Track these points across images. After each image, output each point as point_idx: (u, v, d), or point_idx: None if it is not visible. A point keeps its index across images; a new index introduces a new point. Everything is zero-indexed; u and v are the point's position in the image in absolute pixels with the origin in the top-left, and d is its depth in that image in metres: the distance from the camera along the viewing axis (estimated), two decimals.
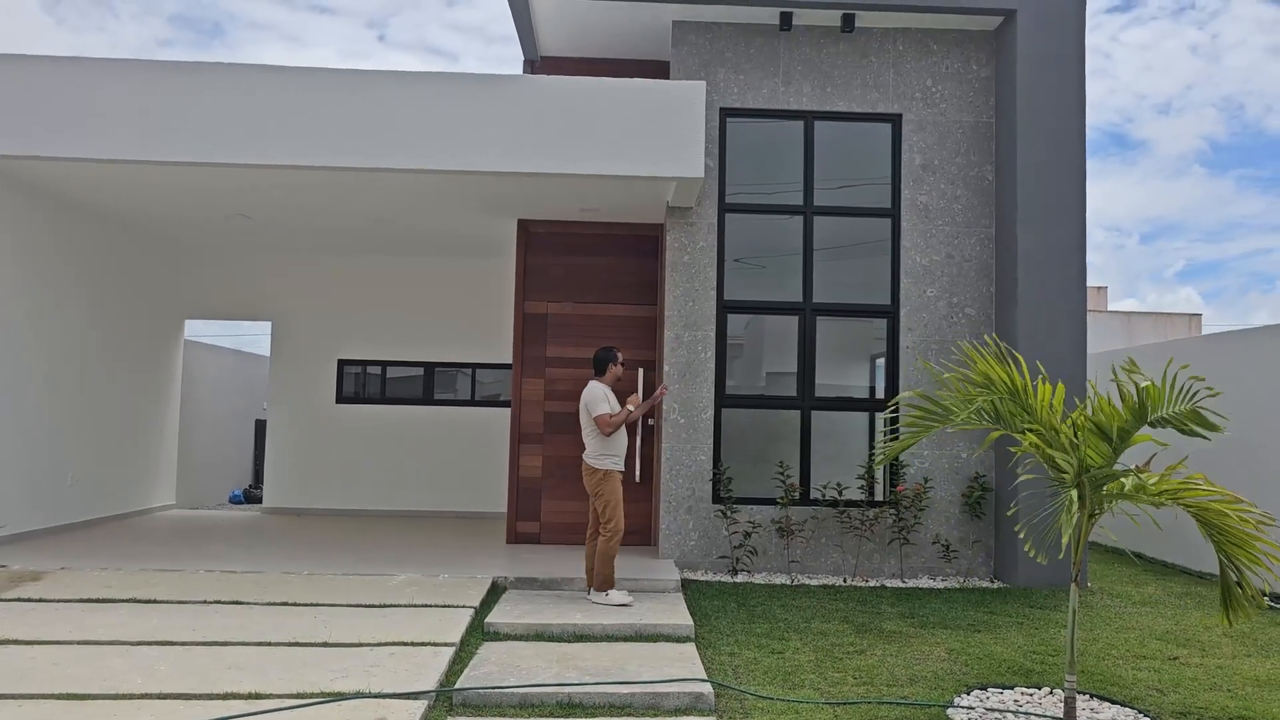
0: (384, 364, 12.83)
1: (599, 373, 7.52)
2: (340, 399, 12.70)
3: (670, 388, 8.95)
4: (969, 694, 5.40)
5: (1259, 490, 8.68)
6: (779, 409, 9.24)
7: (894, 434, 8.99)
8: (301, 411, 12.63)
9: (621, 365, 7.58)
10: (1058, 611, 7.56)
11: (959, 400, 5.11)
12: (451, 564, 8.31)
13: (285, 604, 6.71)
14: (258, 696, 4.83)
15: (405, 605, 6.76)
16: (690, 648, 6.10)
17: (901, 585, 8.57)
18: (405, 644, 5.81)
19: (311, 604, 6.73)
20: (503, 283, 12.19)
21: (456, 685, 5.15)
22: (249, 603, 6.70)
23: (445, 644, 5.83)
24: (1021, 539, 8.56)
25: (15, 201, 8.96)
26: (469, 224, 10.33)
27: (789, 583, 8.47)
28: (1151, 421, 4.86)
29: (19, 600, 6.64)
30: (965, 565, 9.02)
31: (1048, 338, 8.76)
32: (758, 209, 9.34)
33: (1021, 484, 8.59)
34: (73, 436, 10.09)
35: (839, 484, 8.91)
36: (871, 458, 9.09)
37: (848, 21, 9.17)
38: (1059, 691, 5.43)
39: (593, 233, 9.99)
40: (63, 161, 8.13)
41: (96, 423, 10.56)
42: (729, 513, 8.79)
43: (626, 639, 6.33)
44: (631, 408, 7.38)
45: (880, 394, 9.31)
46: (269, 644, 5.76)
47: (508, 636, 6.30)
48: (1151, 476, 4.56)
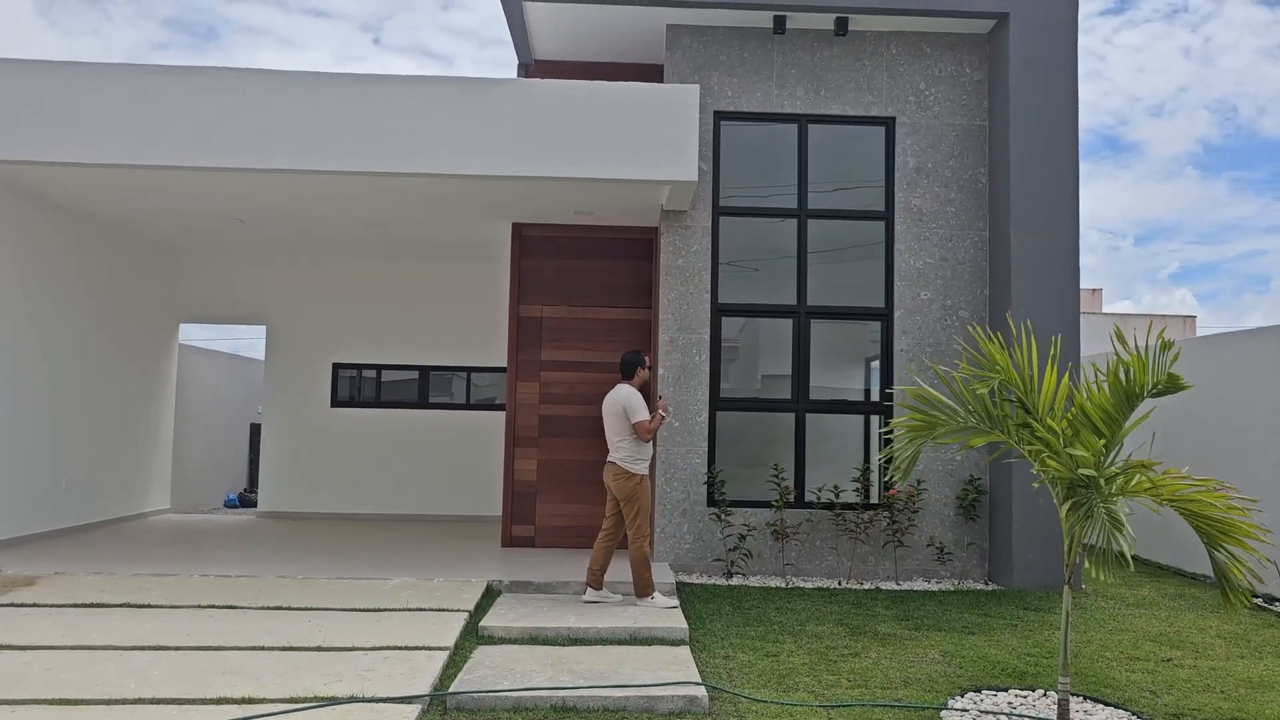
0: (379, 367, 12.83)
1: (627, 376, 7.46)
2: (335, 403, 12.69)
3: (664, 392, 8.96)
4: (963, 696, 5.40)
5: (1254, 489, 8.71)
6: (774, 412, 9.25)
7: (888, 437, 9.02)
8: (296, 415, 12.62)
9: (649, 369, 7.58)
10: (1052, 613, 7.58)
11: (961, 396, 5.13)
12: (446, 567, 8.30)
13: (280, 608, 6.70)
14: (251, 701, 4.82)
15: (400, 609, 6.75)
16: (685, 651, 6.11)
17: (896, 588, 8.58)
18: (399, 648, 5.80)
19: (306, 608, 6.72)
20: (498, 286, 12.21)
21: (450, 689, 5.14)
22: (243, 607, 6.69)
23: (439, 648, 5.83)
24: (1018, 541, 8.60)
25: (9, 205, 8.95)
26: (463, 227, 10.34)
27: (784, 585, 8.48)
28: (1152, 393, 4.83)
29: (12, 605, 6.62)
30: (960, 567, 9.03)
31: (1041, 340, 8.72)
32: (752, 212, 9.36)
33: (1016, 486, 8.62)
34: (67, 441, 10.08)
35: (834, 486, 8.92)
36: (867, 463, 9.10)
37: (841, 25, 9.19)
38: (1053, 693, 5.44)
39: (587, 236, 9.99)
40: (56, 166, 8.12)
41: (91, 427, 10.55)
42: (724, 516, 8.79)
43: (621, 642, 6.33)
44: (663, 412, 7.38)
45: (875, 397, 9.33)
46: (263, 648, 5.75)
47: (502, 640, 6.30)
48: (1133, 474, 4.61)
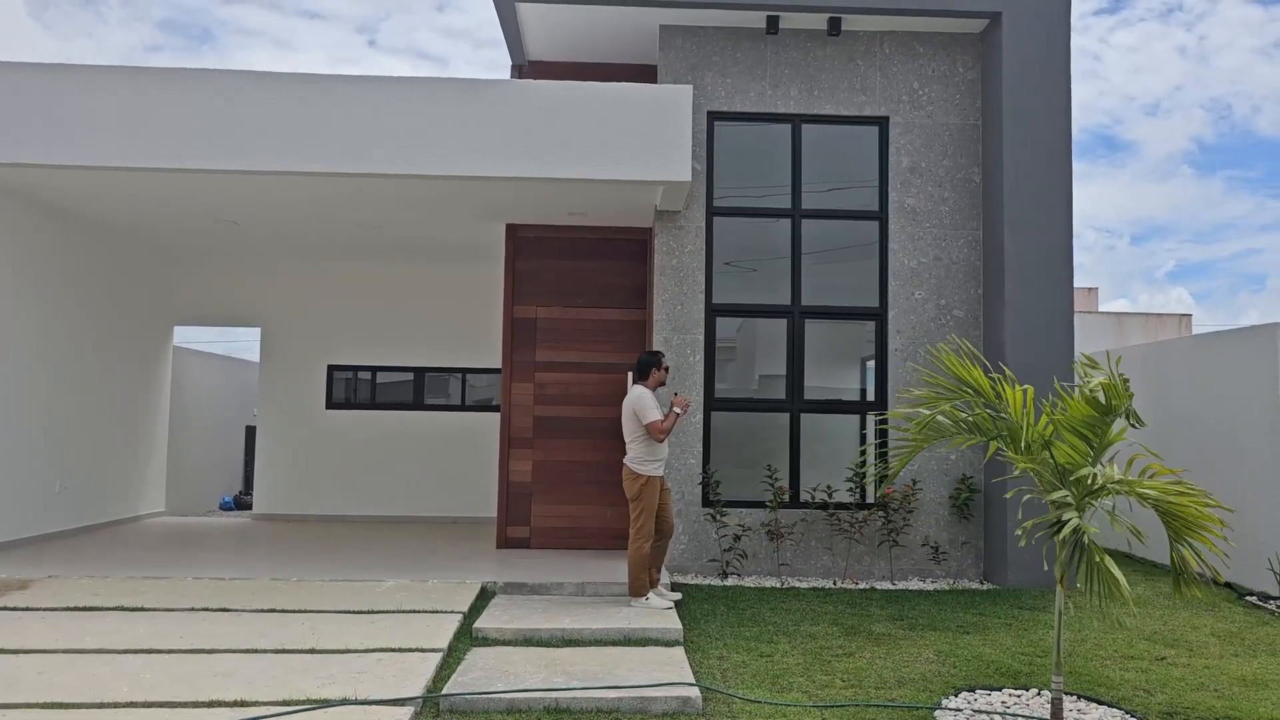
0: (374, 369, 12.82)
1: (642, 376, 7.46)
2: (330, 404, 12.67)
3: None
4: (957, 696, 5.40)
5: (1246, 486, 8.73)
6: (768, 412, 9.25)
7: (881, 448, 9.02)
8: (291, 417, 12.60)
9: (666, 369, 7.55)
10: (1046, 612, 7.58)
11: (933, 399, 5.15)
12: (441, 569, 8.29)
13: (273, 610, 6.69)
14: (244, 704, 4.81)
15: (394, 611, 6.74)
16: (679, 651, 6.10)
17: (891, 587, 8.58)
18: (393, 650, 5.79)
19: (300, 610, 6.71)
20: (493, 287, 12.18)
21: (443, 691, 5.14)
22: (237, 609, 6.68)
23: (433, 649, 5.82)
24: (1013, 540, 8.60)
25: (3, 208, 8.93)
26: (458, 228, 10.33)
27: (779, 585, 8.48)
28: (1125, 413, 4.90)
29: (6, 609, 6.61)
30: (955, 567, 9.03)
31: (1035, 339, 8.78)
32: (746, 212, 9.36)
33: (1009, 486, 8.62)
34: (62, 444, 10.06)
35: (828, 486, 8.92)
36: (862, 464, 9.10)
37: (834, 25, 9.19)
38: (1047, 693, 5.44)
39: (581, 237, 9.98)
40: (49, 169, 8.10)
41: (86, 430, 10.53)
42: (718, 516, 8.79)
43: (615, 643, 6.32)
44: (679, 410, 7.32)
45: (871, 396, 9.33)
46: (256, 651, 5.74)
47: (496, 641, 6.29)
48: (1112, 472, 4.67)
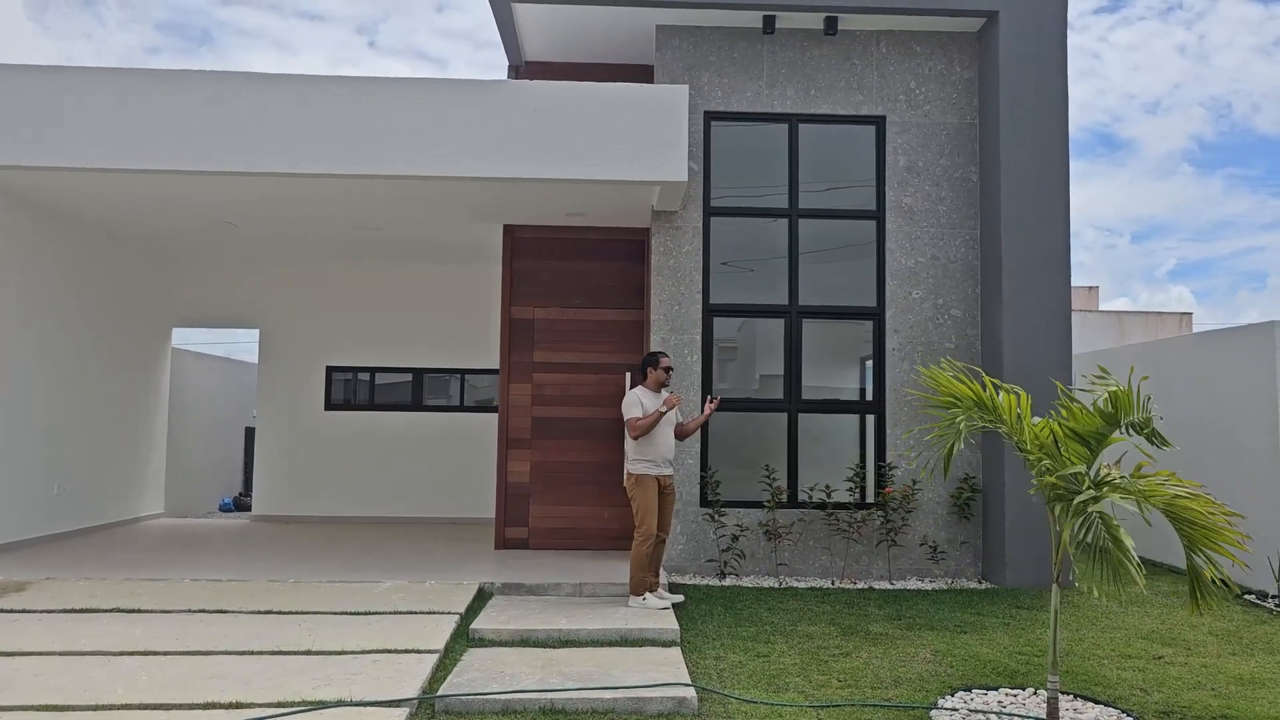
0: (372, 370, 12.82)
1: (642, 377, 7.62)
2: (329, 406, 12.68)
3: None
4: (953, 695, 5.40)
5: (1245, 485, 8.72)
6: (766, 412, 9.24)
7: (881, 448, 9.01)
8: (290, 419, 12.60)
9: (667, 370, 7.56)
10: (1044, 612, 7.57)
11: (944, 419, 5.15)
12: (439, 570, 8.29)
13: (270, 612, 6.68)
14: (239, 706, 4.81)
15: (391, 612, 6.74)
16: (675, 652, 6.10)
17: (890, 587, 8.57)
18: (389, 651, 5.79)
19: (297, 612, 6.71)
20: (490, 288, 12.17)
21: (439, 692, 5.14)
22: (234, 611, 6.68)
23: (429, 651, 5.81)
24: (1011, 540, 8.59)
25: (1, 210, 8.95)
26: (455, 230, 10.33)
27: (777, 585, 8.47)
28: (1128, 425, 4.91)
29: (3, 611, 6.60)
30: (953, 566, 9.02)
31: (1033, 338, 8.78)
32: (743, 212, 9.36)
33: (1009, 485, 8.62)
34: (60, 446, 10.06)
35: (826, 486, 8.91)
36: (862, 463, 9.09)
37: (830, 24, 9.19)
38: (1043, 692, 5.43)
39: (579, 237, 9.98)
40: (46, 170, 8.11)
41: (84, 432, 10.53)
42: (717, 516, 8.78)
43: (612, 644, 6.32)
44: (664, 409, 7.35)
45: (869, 396, 9.32)
46: (252, 653, 5.74)
47: (493, 642, 6.29)
48: (1118, 474, 4.63)
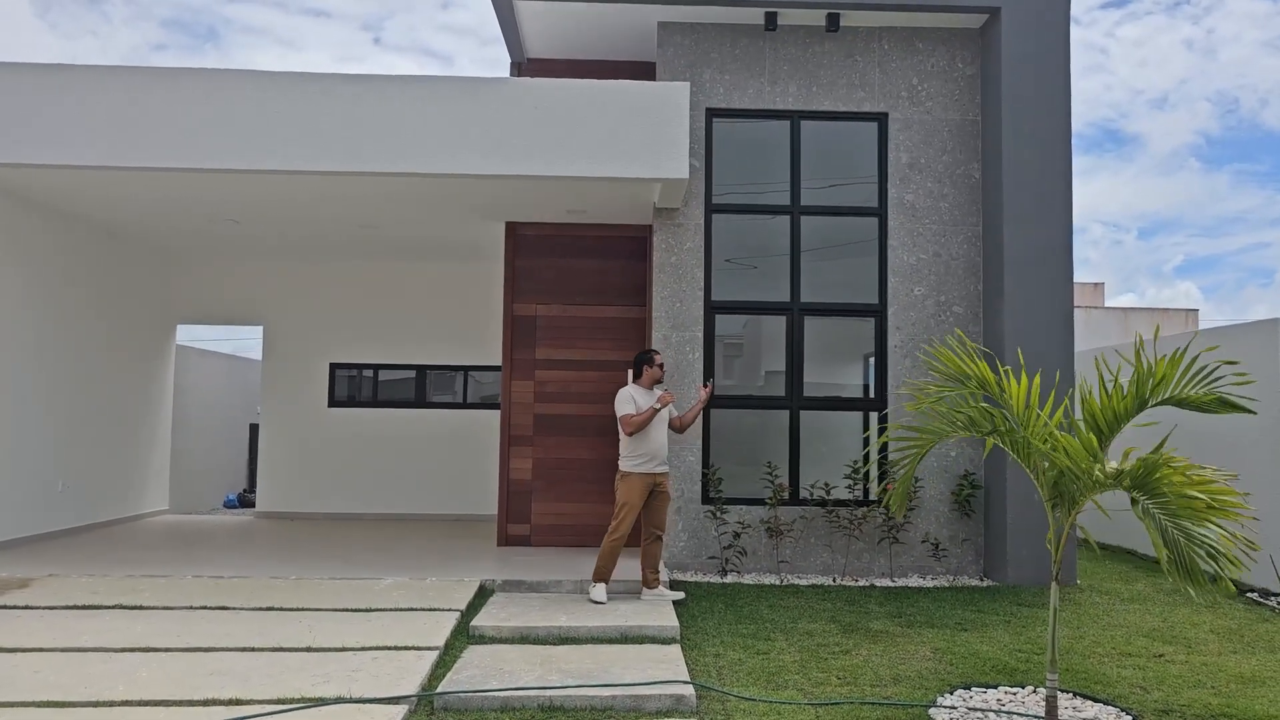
0: (375, 367, 12.84)
1: (636, 375, 7.64)
2: (332, 403, 12.70)
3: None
4: (952, 693, 5.39)
5: (1245, 479, 8.67)
6: (768, 409, 9.24)
7: (883, 449, 9.01)
8: (293, 416, 12.62)
9: (661, 367, 7.62)
10: (1045, 609, 7.56)
11: (937, 395, 5.13)
12: (440, 567, 8.31)
13: (271, 609, 6.71)
14: (239, 703, 4.83)
15: (391, 609, 6.76)
16: (675, 649, 6.10)
17: (891, 584, 8.57)
18: (389, 648, 5.80)
19: (298, 609, 6.73)
20: (493, 285, 12.18)
21: (438, 689, 5.15)
22: (235, 608, 6.70)
23: (429, 648, 5.83)
24: (1013, 537, 8.58)
25: (4, 209, 8.96)
26: (457, 227, 10.34)
27: (778, 583, 8.47)
28: (1169, 400, 4.84)
29: (5, 607, 6.64)
30: (955, 564, 9.01)
31: (1035, 335, 8.75)
32: (745, 209, 9.34)
33: (1011, 482, 8.60)
34: (64, 443, 10.09)
35: (827, 484, 8.90)
36: (866, 461, 9.08)
37: (833, 21, 9.17)
38: (1042, 690, 5.42)
39: (581, 234, 9.98)
40: (48, 169, 8.12)
41: (88, 429, 10.56)
42: (718, 513, 8.78)
43: (611, 641, 6.33)
44: (658, 405, 7.40)
45: (873, 393, 9.31)
46: (253, 649, 5.76)
47: (493, 639, 6.30)
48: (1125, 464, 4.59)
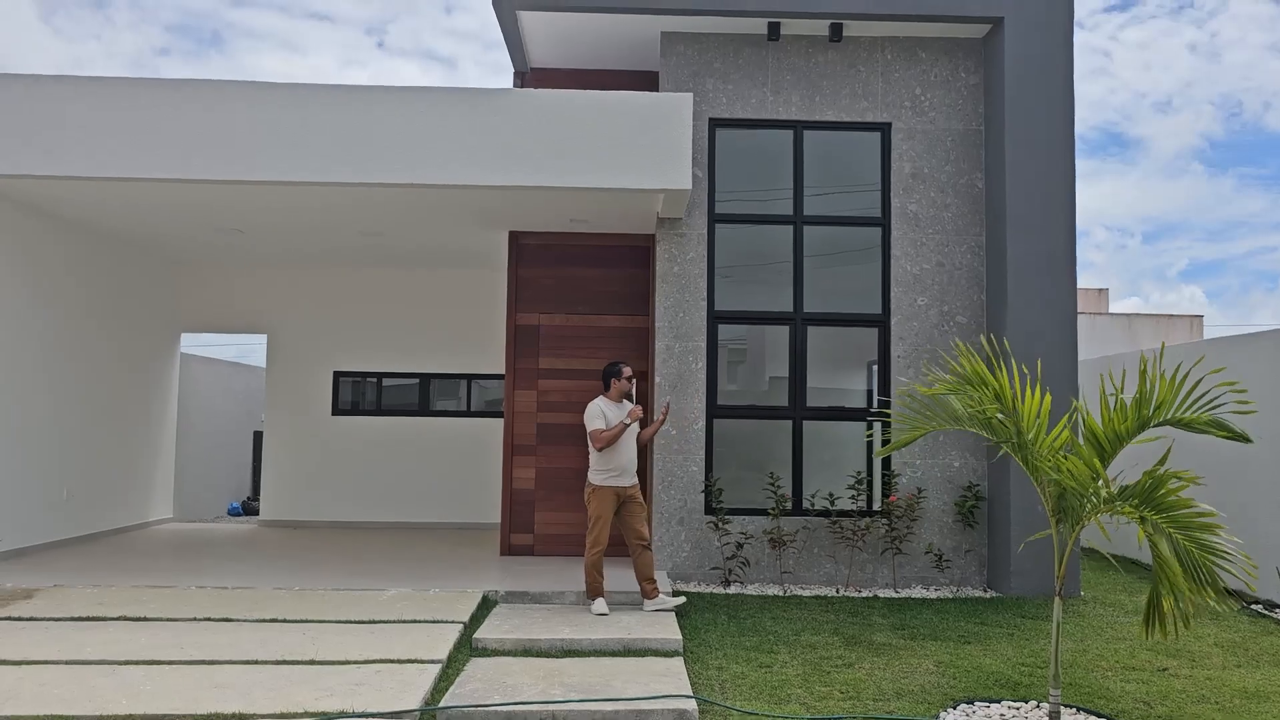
0: (379, 375, 12.85)
1: (605, 388, 7.61)
2: (336, 410, 12.71)
3: (664, 400, 8.95)
4: (955, 708, 5.38)
5: (1250, 490, 8.68)
6: (770, 419, 9.24)
7: (885, 433, 9.00)
8: (297, 424, 12.64)
9: (630, 379, 7.60)
10: (1049, 621, 7.52)
11: (953, 397, 5.13)
12: (443, 578, 8.31)
13: (275, 620, 6.71)
14: (242, 717, 4.84)
15: (395, 621, 6.76)
16: (678, 662, 6.10)
17: (894, 595, 8.55)
18: (392, 661, 5.81)
19: (301, 620, 6.73)
20: (496, 292, 12.20)
21: (440, 704, 5.15)
22: (239, 620, 6.71)
23: (432, 661, 5.83)
24: (1016, 548, 8.56)
25: (7, 218, 8.99)
26: (461, 236, 10.36)
27: (781, 594, 8.47)
28: (1168, 421, 4.83)
29: (9, 619, 6.65)
30: (958, 574, 9.00)
31: (1038, 345, 8.74)
32: (748, 219, 9.35)
33: (1015, 493, 8.59)
34: (69, 452, 10.11)
35: (830, 494, 8.90)
36: (869, 471, 9.08)
37: (835, 31, 9.18)
38: (1046, 705, 5.41)
39: (584, 244, 9.99)
40: (54, 180, 8.16)
41: (93, 438, 10.58)
42: (721, 524, 8.78)
43: (614, 654, 6.33)
44: (628, 420, 7.39)
45: (876, 402, 9.30)
46: (256, 662, 5.76)
47: (495, 652, 6.31)
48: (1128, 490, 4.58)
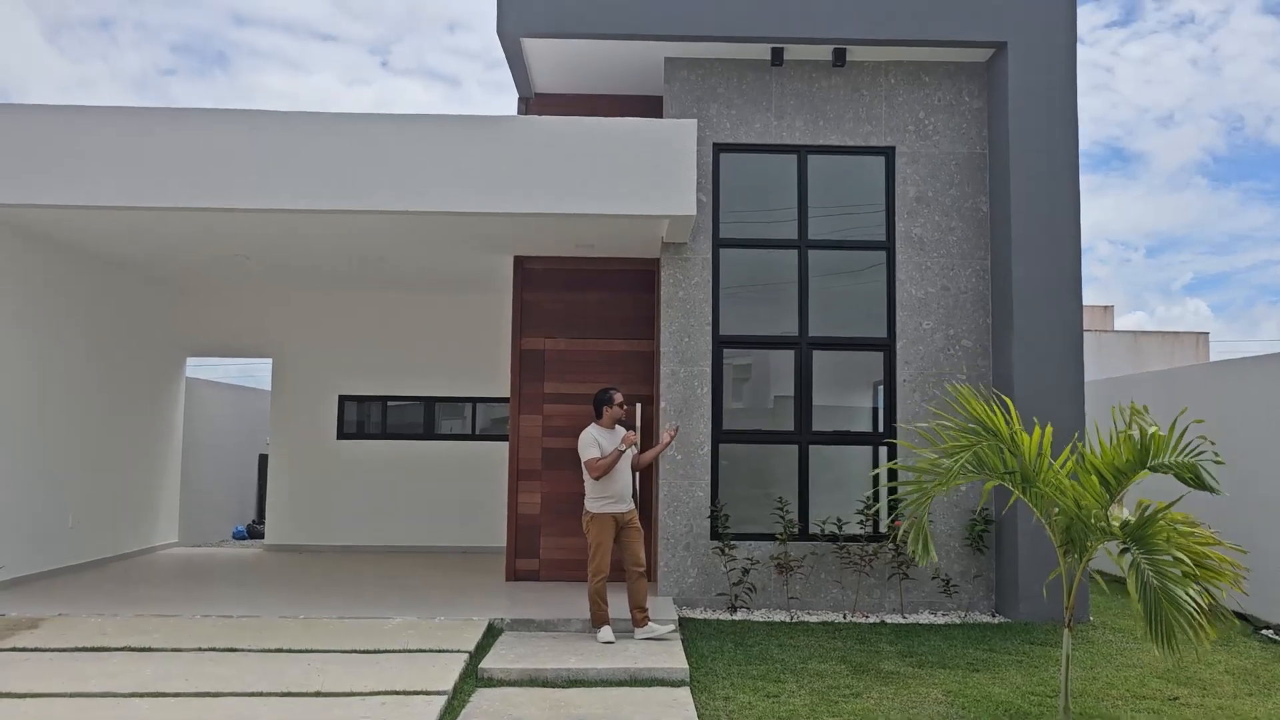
0: (384, 399, 12.85)
1: (597, 415, 7.56)
2: (341, 434, 12.71)
3: (670, 422, 8.94)
4: None
5: (1259, 513, 8.63)
6: (776, 444, 9.21)
7: (894, 482, 8.98)
8: (302, 448, 12.64)
9: (621, 406, 7.56)
10: (1058, 648, 7.49)
11: (951, 448, 5.10)
12: (449, 605, 8.28)
13: (280, 650, 6.68)
14: None
15: (400, 650, 6.73)
16: (685, 692, 6.06)
17: (902, 621, 8.51)
18: (398, 693, 5.77)
19: (306, 650, 6.70)
20: (501, 315, 12.20)
21: None
22: (244, 649, 6.68)
23: (438, 692, 5.80)
24: (1024, 573, 8.52)
25: (13, 245, 9.03)
26: (466, 260, 10.38)
27: (788, 620, 8.42)
28: (1153, 467, 4.86)
29: (14, 650, 6.63)
30: (966, 599, 8.95)
31: (1045, 369, 8.74)
32: (752, 243, 9.36)
33: (1022, 518, 8.55)
34: (74, 479, 10.12)
35: (838, 519, 8.87)
36: (875, 497, 9.04)
37: (839, 56, 9.21)
38: None
39: (589, 268, 10.01)
40: (60, 209, 8.20)
41: (98, 464, 10.59)
42: (727, 549, 8.75)
43: (621, 683, 6.29)
44: (623, 447, 7.36)
45: (881, 423, 9.27)
46: (261, 694, 5.74)
47: (501, 682, 6.27)
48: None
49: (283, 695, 5.73)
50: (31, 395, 9.38)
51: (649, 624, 7.33)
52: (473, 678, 6.32)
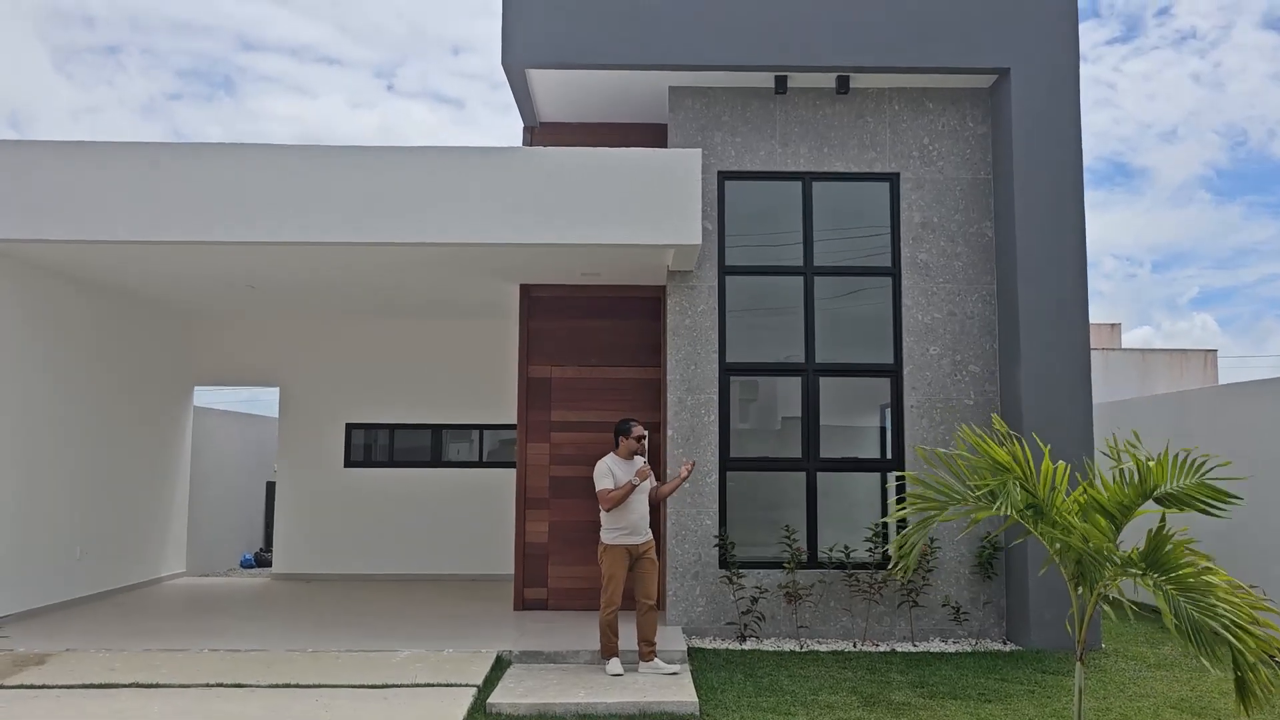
0: (392, 427, 12.85)
1: (615, 445, 7.56)
2: (348, 463, 12.71)
3: (676, 453, 8.93)
4: None
5: (1268, 538, 8.57)
6: (784, 471, 9.19)
7: (900, 502, 8.93)
8: (310, 476, 12.64)
9: (640, 439, 7.47)
10: (1070, 677, 7.43)
11: (969, 481, 5.07)
12: (457, 636, 8.24)
13: (288, 685, 6.65)
14: None
15: (408, 685, 6.69)
16: None
17: (912, 649, 8.45)
18: None
19: (314, 685, 6.67)
20: (508, 342, 12.19)
21: None
22: (251, 685, 6.65)
23: None
24: (1035, 600, 8.46)
25: (20, 276, 9.08)
26: (472, 289, 10.41)
27: (798, 649, 8.37)
28: (1158, 499, 4.82)
29: (21, 687, 6.61)
30: (977, 627, 8.89)
31: (1052, 393, 8.71)
32: (758, 271, 9.37)
33: (1032, 544, 8.50)
34: (83, 509, 10.12)
35: (846, 546, 8.83)
36: (884, 525, 9.00)
37: (842, 83, 9.25)
38: None
39: (595, 296, 10.03)
40: (67, 244, 8.25)
41: (106, 495, 10.60)
42: (735, 578, 8.71)
43: (630, 718, 6.25)
44: (638, 480, 7.33)
45: (889, 449, 9.24)
46: None
47: (510, 717, 6.24)
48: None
49: None
50: (39, 426, 9.40)
51: (655, 660, 7.28)
52: (481, 713, 6.28)
